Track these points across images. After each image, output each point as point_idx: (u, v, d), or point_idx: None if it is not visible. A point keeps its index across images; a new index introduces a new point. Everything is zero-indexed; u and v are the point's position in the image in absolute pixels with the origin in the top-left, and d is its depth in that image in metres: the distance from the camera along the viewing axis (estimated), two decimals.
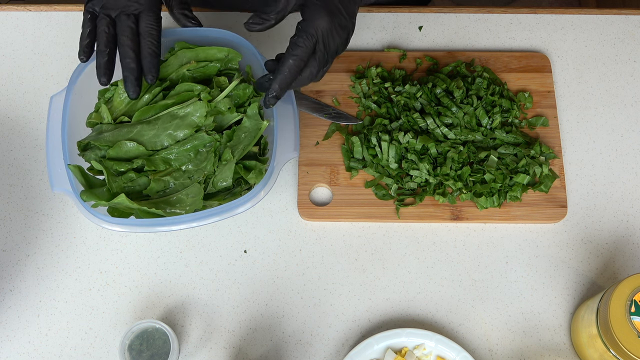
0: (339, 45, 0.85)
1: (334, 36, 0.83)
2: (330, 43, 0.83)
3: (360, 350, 0.88)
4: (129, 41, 0.84)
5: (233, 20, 1.09)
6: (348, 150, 0.99)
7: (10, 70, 1.06)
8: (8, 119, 1.03)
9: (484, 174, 0.95)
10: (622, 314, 0.78)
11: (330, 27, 0.82)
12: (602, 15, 1.10)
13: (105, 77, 0.85)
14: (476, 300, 0.93)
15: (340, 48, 0.85)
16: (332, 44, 0.84)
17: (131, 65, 0.85)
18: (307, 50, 0.82)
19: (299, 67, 0.82)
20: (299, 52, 0.82)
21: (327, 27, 0.82)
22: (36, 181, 0.99)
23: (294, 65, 0.82)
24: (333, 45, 0.84)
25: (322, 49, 0.83)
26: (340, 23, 0.83)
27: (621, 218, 0.97)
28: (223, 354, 0.91)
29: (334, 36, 0.83)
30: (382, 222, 0.97)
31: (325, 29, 0.82)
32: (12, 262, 0.95)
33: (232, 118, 0.91)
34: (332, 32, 0.83)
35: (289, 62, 0.82)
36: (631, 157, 1.00)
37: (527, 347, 0.91)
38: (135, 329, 0.86)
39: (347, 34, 0.85)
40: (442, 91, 1.00)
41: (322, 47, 0.83)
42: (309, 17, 0.82)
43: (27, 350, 0.91)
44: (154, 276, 0.94)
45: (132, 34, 0.85)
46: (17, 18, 1.10)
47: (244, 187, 0.91)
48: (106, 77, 0.85)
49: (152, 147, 0.88)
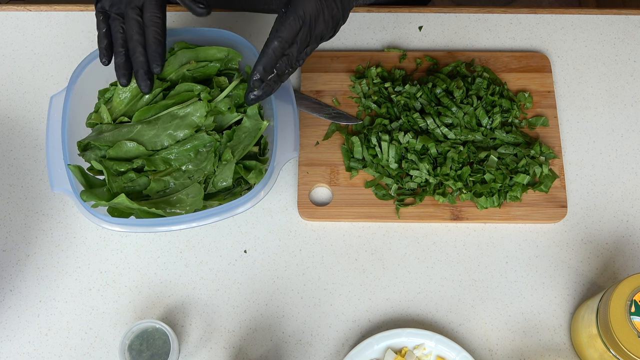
0: (324, 32, 0.83)
1: (320, 22, 0.81)
2: (316, 27, 0.81)
3: (360, 350, 0.88)
4: (136, 35, 0.83)
5: (233, 20, 1.09)
6: (348, 150, 0.99)
7: (10, 70, 1.06)
8: (8, 119, 1.03)
9: (484, 174, 0.95)
10: (622, 314, 0.78)
11: (318, 11, 0.80)
12: (602, 15, 1.10)
13: (125, 78, 0.85)
14: (476, 300, 0.93)
15: (325, 35, 0.83)
16: (317, 29, 0.81)
17: (140, 59, 0.84)
18: (292, 32, 0.80)
19: (284, 48, 0.81)
20: (283, 34, 0.80)
21: (314, 10, 0.80)
22: (36, 181, 0.99)
23: (279, 47, 0.80)
24: (318, 30, 0.82)
25: (306, 31, 0.81)
26: (330, 9, 0.81)
27: (621, 218, 0.97)
28: (223, 354, 0.91)
29: (321, 22, 0.81)
30: (382, 222, 0.97)
31: (313, 12, 0.80)
32: (12, 262, 0.95)
33: (232, 118, 0.91)
34: (320, 17, 0.81)
35: (273, 43, 0.80)
36: (631, 157, 1.00)
37: (527, 347, 0.91)
38: (135, 329, 0.86)
39: (336, 23, 0.83)
40: (442, 91, 1.00)
41: (307, 29, 0.81)
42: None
43: (27, 350, 0.91)
44: (154, 276, 0.94)
45: (139, 26, 0.84)
46: (17, 18, 1.10)
47: (244, 187, 0.91)
48: (125, 78, 0.85)
49: (152, 147, 0.88)
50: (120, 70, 0.85)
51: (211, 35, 0.95)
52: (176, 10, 1.10)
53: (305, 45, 0.82)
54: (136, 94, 0.90)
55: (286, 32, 0.80)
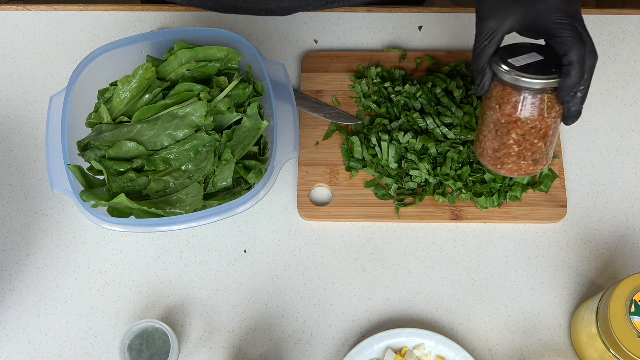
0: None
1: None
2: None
3: (360, 350, 0.88)
4: None
5: (233, 20, 1.09)
6: (348, 150, 0.99)
7: (10, 70, 1.06)
8: (8, 119, 1.03)
9: (484, 174, 0.95)
10: (622, 314, 0.78)
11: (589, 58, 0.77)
12: (602, 15, 1.10)
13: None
14: (476, 300, 0.93)
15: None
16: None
17: None
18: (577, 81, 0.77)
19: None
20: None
21: (590, 61, 0.78)
22: (36, 181, 0.99)
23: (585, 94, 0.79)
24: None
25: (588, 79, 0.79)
26: (592, 50, 0.78)
27: (621, 218, 0.97)
28: (223, 354, 0.91)
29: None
30: (382, 222, 0.97)
31: (590, 64, 0.78)
32: (12, 262, 0.95)
33: (232, 118, 0.91)
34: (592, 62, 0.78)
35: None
36: (631, 157, 1.00)
37: (527, 347, 0.91)
38: (135, 329, 0.86)
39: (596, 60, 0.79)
40: (442, 91, 1.00)
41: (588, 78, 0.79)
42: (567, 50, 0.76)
43: (27, 350, 0.91)
44: (154, 276, 0.94)
45: None
46: (17, 18, 1.10)
47: (244, 187, 0.91)
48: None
49: (152, 147, 0.88)
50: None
51: (211, 35, 0.95)
52: (176, 10, 1.10)
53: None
54: (136, 94, 0.90)
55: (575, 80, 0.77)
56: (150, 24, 1.09)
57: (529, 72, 0.79)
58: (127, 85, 0.90)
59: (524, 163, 0.84)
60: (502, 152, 0.84)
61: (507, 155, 0.84)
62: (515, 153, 0.84)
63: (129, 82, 0.90)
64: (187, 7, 1.10)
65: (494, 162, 0.86)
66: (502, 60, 0.81)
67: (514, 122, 0.81)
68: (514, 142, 0.83)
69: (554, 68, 0.79)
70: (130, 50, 0.96)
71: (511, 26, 0.79)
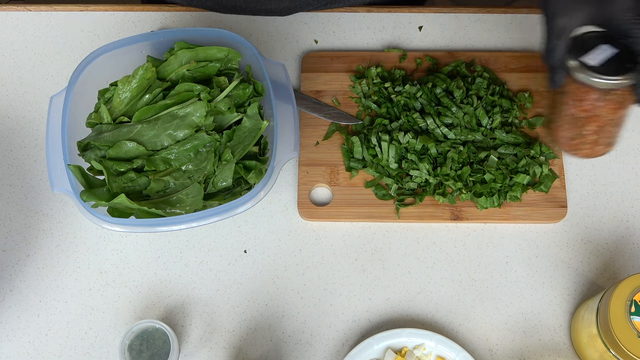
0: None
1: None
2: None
3: (360, 350, 0.88)
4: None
5: (233, 20, 1.09)
6: (348, 150, 0.99)
7: (10, 70, 1.06)
8: (8, 119, 1.03)
9: (484, 174, 0.95)
10: (622, 314, 0.78)
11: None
12: None
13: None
14: (476, 300, 0.93)
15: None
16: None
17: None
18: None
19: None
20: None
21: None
22: (36, 181, 0.99)
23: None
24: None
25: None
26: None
27: (621, 218, 0.97)
28: (223, 354, 0.91)
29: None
30: (382, 222, 0.97)
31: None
32: (12, 262, 0.95)
33: (232, 118, 0.91)
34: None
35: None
36: (631, 157, 1.00)
37: (527, 347, 0.91)
38: (135, 329, 0.86)
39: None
40: (442, 91, 1.00)
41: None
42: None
43: (27, 350, 0.91)
44: (154, 276, 0.94)
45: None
46: (17, 18, 1.10)
47: (244, 187, 0.91)
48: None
49: (152, 147, 0.88)
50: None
51: (211, 35, 0.95)
52: (176, 10, 1.10)
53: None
54: (136, 94, 0.90)
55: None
56: (150, 24, 1.09)
57: (605, 72, 0.80)
58: (127, 85, 0.90)
59: (598, 147, 0.88)
60: (578, 140, 0.87)
61: (583, 143, 0.87)
62: (591, 141, 0.87)
63: (129, 82, 0.90)
64: (187, 7, 1.10)
65: (569, 148, 0.89)
66: (575, 58, 0.82)
67: (591, 117, 0.84)
68: (591, 132, 0.86)
69: (627, 63, 0.81)
70: (130, 50, 0.96)
71: (581, 23, 0.80)
